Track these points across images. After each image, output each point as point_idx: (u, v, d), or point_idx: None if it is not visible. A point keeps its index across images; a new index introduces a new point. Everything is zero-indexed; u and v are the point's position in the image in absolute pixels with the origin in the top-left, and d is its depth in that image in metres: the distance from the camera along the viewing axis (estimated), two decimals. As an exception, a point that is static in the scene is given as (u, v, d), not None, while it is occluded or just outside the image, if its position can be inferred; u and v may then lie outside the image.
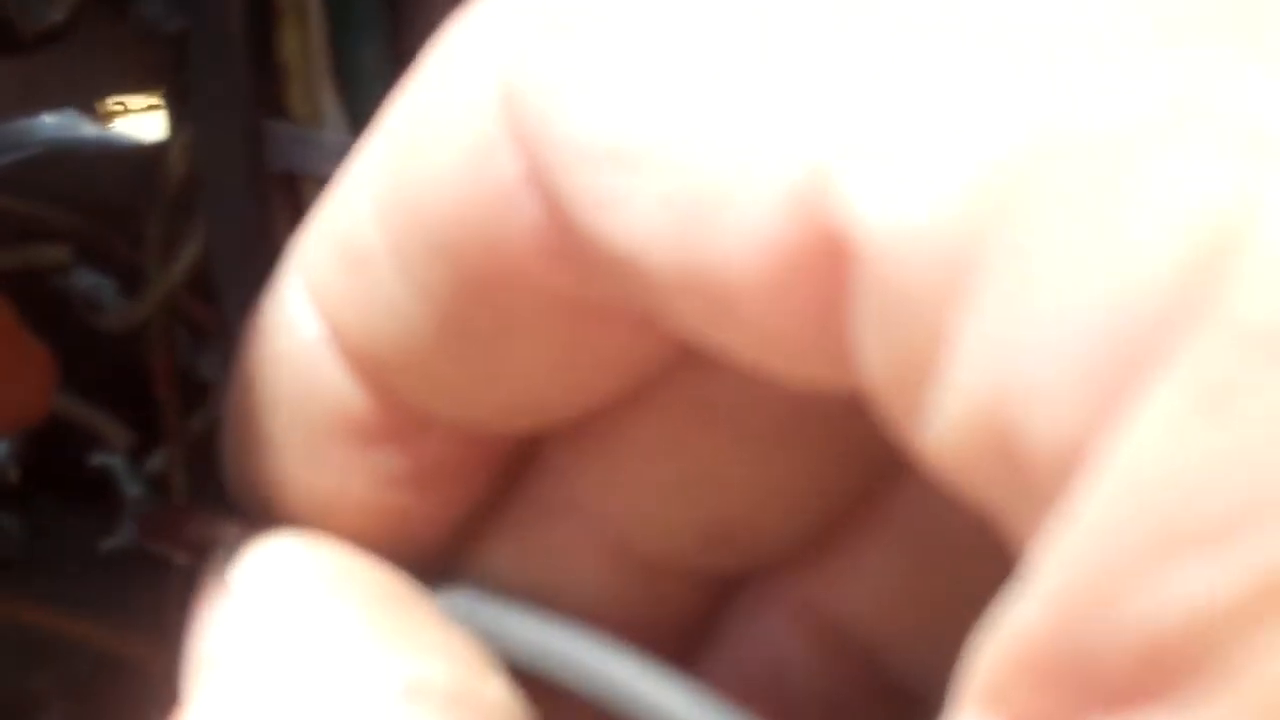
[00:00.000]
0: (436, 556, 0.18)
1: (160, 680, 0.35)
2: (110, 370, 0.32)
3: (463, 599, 0.18)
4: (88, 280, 0.30)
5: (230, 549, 0.20)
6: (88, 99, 0.31)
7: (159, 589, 0.34)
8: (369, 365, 0.17)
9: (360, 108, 0.30)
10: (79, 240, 0.30)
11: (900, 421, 0.13)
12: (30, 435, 0.31)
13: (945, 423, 0.12)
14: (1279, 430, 0.10)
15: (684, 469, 0.18)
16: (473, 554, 0.19)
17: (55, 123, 0.33)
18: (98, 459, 0.33)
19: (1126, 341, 0.10)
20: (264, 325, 0.18)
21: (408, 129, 0.16)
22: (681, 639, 0.19)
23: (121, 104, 0.30)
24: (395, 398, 0.17)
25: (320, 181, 0.30)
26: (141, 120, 0.36)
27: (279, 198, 0.29)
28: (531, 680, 0.18)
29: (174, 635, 0.34)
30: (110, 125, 0.35)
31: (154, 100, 0.33)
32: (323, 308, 0.17)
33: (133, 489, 0.32)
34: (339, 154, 0.32)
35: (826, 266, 0.12)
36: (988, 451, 0.12)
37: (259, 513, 0.20)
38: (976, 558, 0.16)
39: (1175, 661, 0.10)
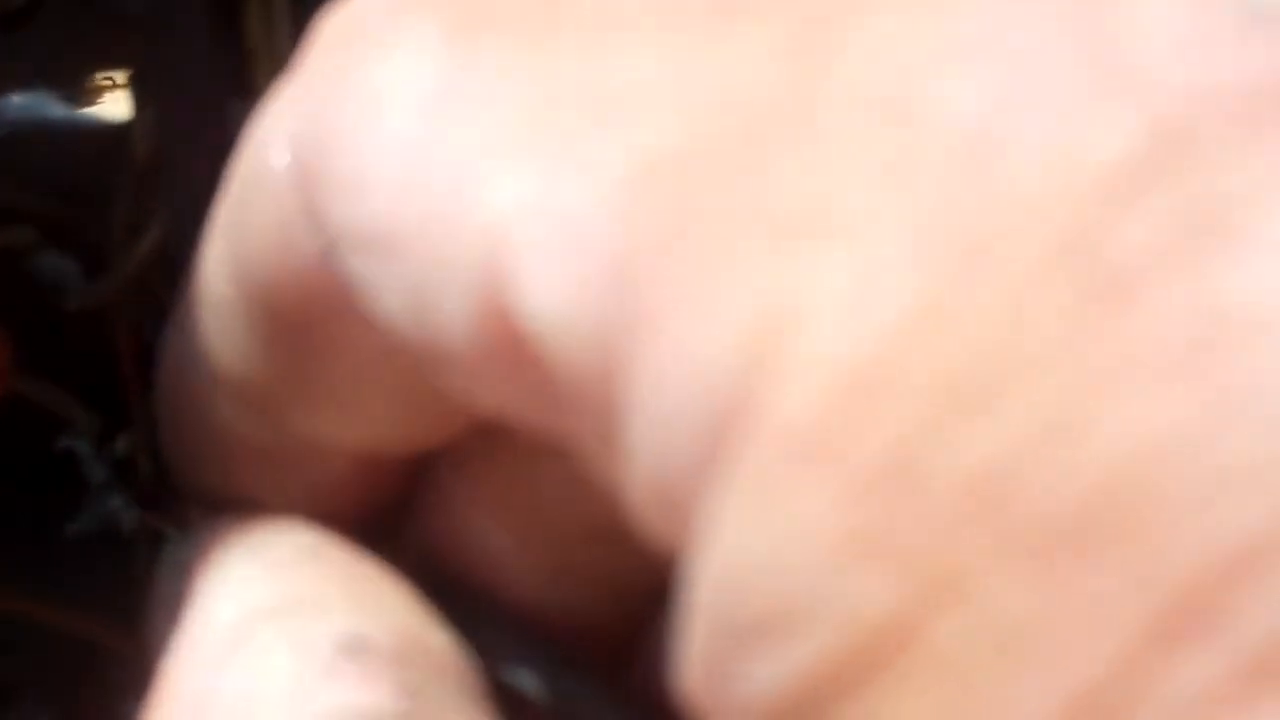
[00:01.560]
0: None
1: (129, 664, 0.35)
2: (76, 354, 0.32)
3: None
4: (51, 262, 0.30)
5: (183, 535, 0.20)
6: (55, 80, 0.31)
7: (123, 573, 0.34)
8: (245, 397, 0.18)
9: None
10: (44, 222, 0.30)
11: (607, 479, 0.13)
12: (-6, 419, 0.31)
13: (635, 484, 0.12)
14: (812, 526, 0.10)
15: (561, 476, 0.18)
16: (406, 537, 0.19)
17: (22, 103, 0.32)
18: (63, 443, 0.33)
19: (715, 413, 0.11)
20: (173, 356, 0.20)
21: (238, 192, 0.17)
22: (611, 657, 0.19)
23: (110, 79, 0.30)
24: (275, 427, 0.18)
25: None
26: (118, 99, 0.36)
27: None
28: None
29: (138, 619, 0.34)
30: (86, 104, 0.35)
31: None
32: (206, 348, 0.18)
33: (98, 473, 0.32)
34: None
35: (515, 353, 0.13)
36: (662, 509, 0.12)
37: (205, 498, 0.20)
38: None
39: None
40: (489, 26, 0.14)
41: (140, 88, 0.30)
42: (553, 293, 0.12)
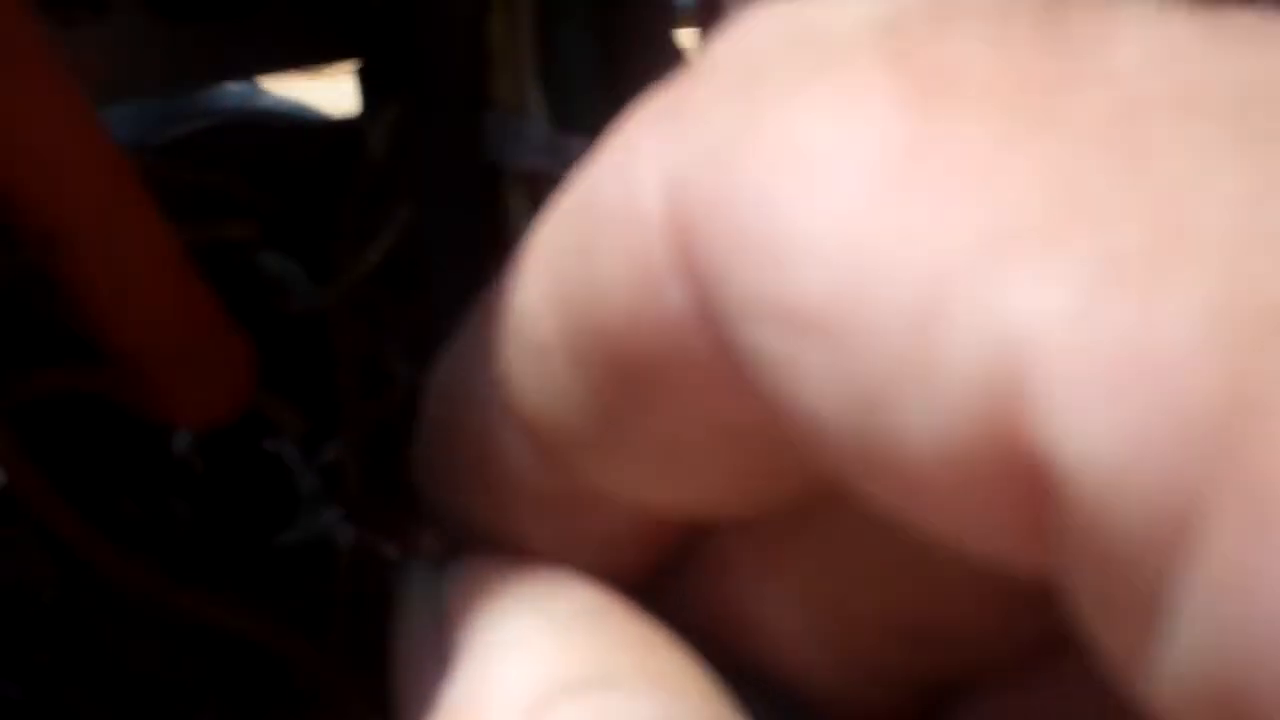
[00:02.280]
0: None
1: (317, 679, 0.34)
2: (290, 356, 0.30)
3: None
4: (275, 262, 0.28)
5: (433, 561, 0.19)
6: (278, 68, 0.30)
7: (328, 587, 0.33)
8: (546, 443, 0.16)
9: (564, 100, 0.28)
10: (265, 217, 0.29)
11: (1116, 661, 0.11)
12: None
13: (1166, 678, 0.10)
14: None
15: (879, 558, 0.16)
16: (656, 593, 0.18)
17: (236, 92, 0.31)
18: (270, 445, 0.32)
19: None
20: (454, 386, 0.18)
21: (580, 227, 0.15)
22: None
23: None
24: (576, 478, 0.16)
25: (519, 174, 0.29)
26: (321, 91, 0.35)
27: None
28: None
29: (335, 635, 0.33)
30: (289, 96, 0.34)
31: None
32: (506, 386, 0.16)
33: (307, 482, 0.31)
34: (540, 147, 0.30)
35: (1020, 486, 0.11)
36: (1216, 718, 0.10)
37: (453, 524, 0.19)
38: None
39: None
40: (958, 93, 0.12)
41: (373, 84, 0.28)
42: (1102, 437, 0.10)
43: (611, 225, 0.15)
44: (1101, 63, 0.12)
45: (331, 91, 0.32)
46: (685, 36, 0.30)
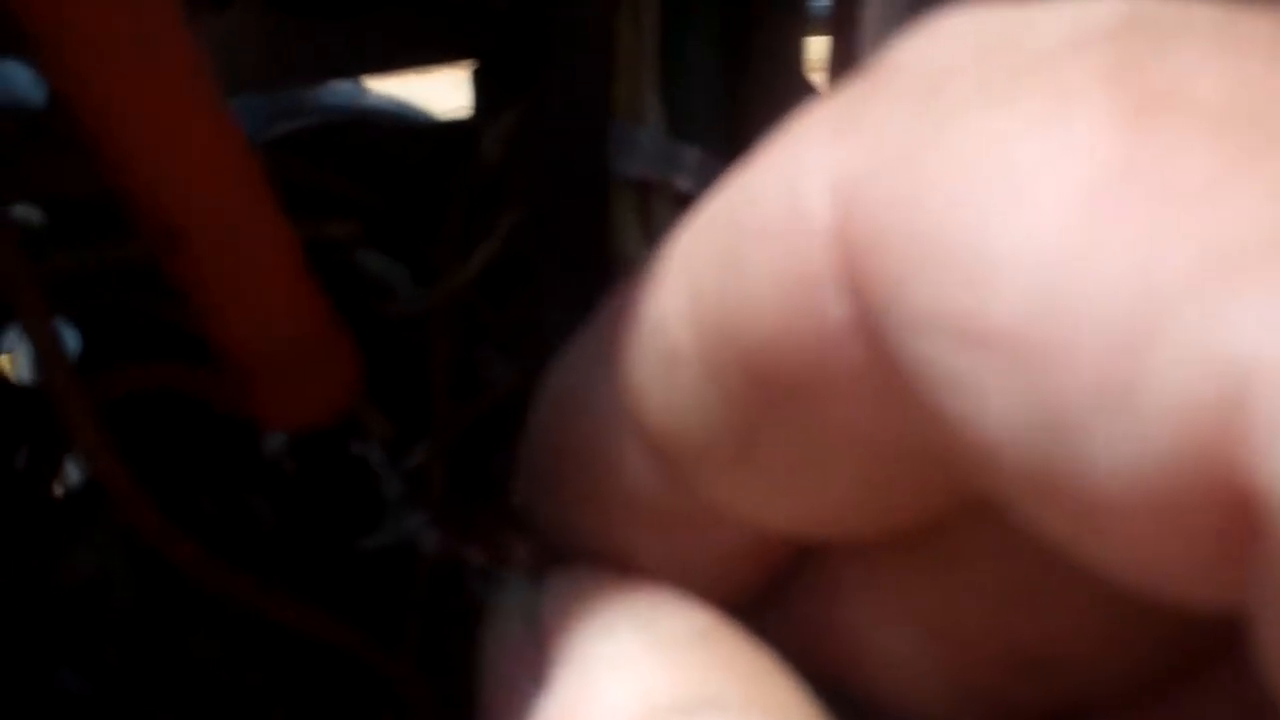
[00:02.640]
0: None
1: (391, 687, 0.33)
2: (384, 359, 0.30)
3: None
4: (377, 263, 0.28)
5: (527, 572, 0.18)
6: (395, 68, 0.30)
7: (406, 593, 0.33)
8: (672, 455, 0.16)
9: (682, 111, 0.28)
10: (370, 217, 0.28)
11: None
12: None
13: None
14: None
15: (997, 585, 0.16)
16: (760, 613, 0.17)
17: (342, 89, 0.31)
18: (356, 448, 0.31)
19: None
20: (571, 394, 0.17)
21: (728, 237, 0.15)
22: None
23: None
24: (696, 492, 0.16)
25: (630, 184, 0.28)
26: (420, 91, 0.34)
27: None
28: None
29: (412, 642, 0.33)
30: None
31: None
32: (631, 395, 0.16)
33: (393, 485, 0.31)
34: (655, 157, 0.30)
35: (1222, 517, 0.11)
36: None
37: (553, 536, 0.18)
38: None
39: None
40: (1181, 112, 0.11)
41: (488, 87, 0.28)
42: None
43: (768, 233, 0.14)
44: None
45: (436, 91, 0.32)
46: (817, 45, 0.29)
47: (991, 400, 0.12)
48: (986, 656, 0.16)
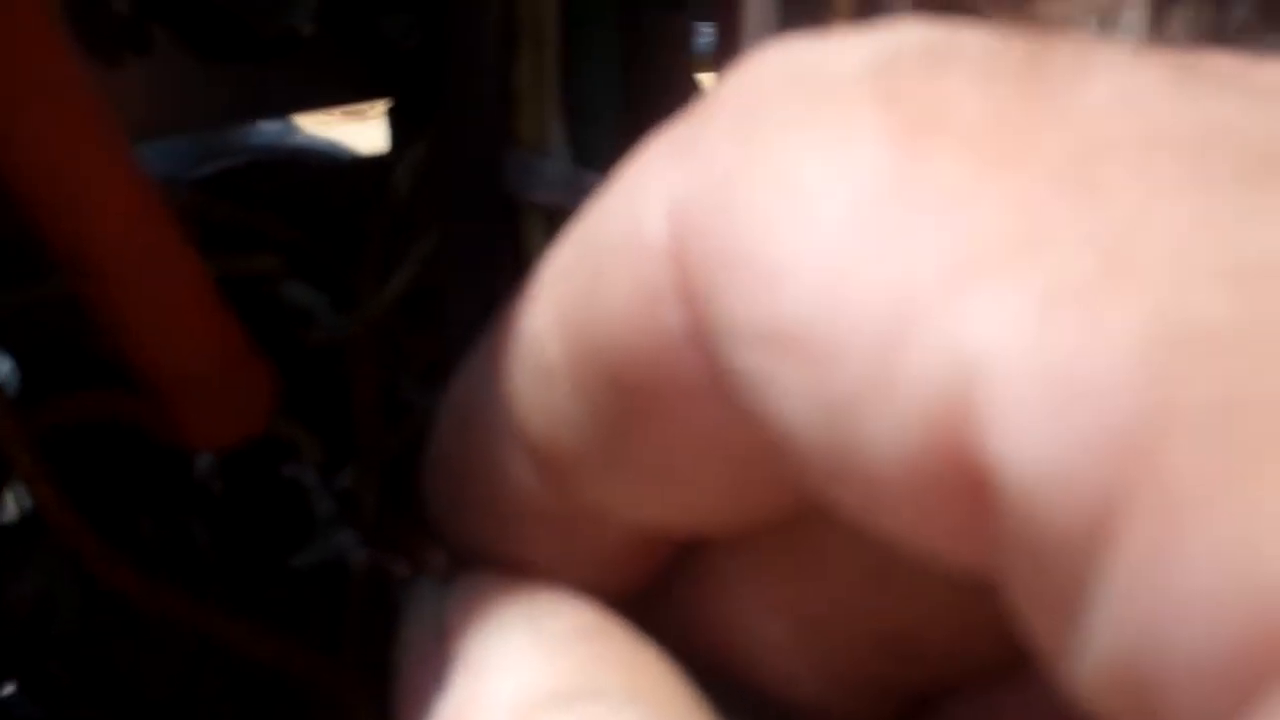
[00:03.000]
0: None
1: (330, 699, 0.34)
2: (309, 384, 0.31)
3: None
4: (300, 293, 0.29)
5: (437, 578, 0.19)
6: (311, 107, 0.31)
7: (342, 608, 0.34)
8: (551, 465, 0.17)
9: (586, 139, 0.29)
10: (291, 251, 0.30)
11: (1042, 646, 0.12)
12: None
13: (1087, 667, 0.11)
14: None
15: (864, 571, 0.17)
16: (647, 606, 0.19)
17: (271, 130, 0.32)
18: (289, 471, 0.33)
19: (1263, 647, 0.10)
20: (463, 408, 0.18)
21: (587, 256, 0.16)
22: None
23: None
24: (576, 497, 0.17)
25: (540, 209, 0.30)
26: (345, 129, 0.36)
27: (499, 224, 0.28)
28: None
29: (348, 654, 0.34)
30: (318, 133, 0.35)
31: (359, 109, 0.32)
32: (513, 409, 0.17)
33: (324, 506, 0.32)
34: (560, 184, 0.31)
35: (965, 492, 0.12)
36: (1129, 707, 0.11)
37: (457, 545, 0.19)
38: None
39: None
40: (941, 131, 0.13)
41: (401, 122, 0.29)
42: (1039, 449, 0.11)
43: (618, 252, 0.15)
44: (1073, 103, 0.13)
45: (368, 132, 0.33)
46: (705, 80, 0.30)
47: (788, 396, 0.13)
48: (853, 642, 0.17)
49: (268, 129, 0.32)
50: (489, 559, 0.19)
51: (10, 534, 0.32)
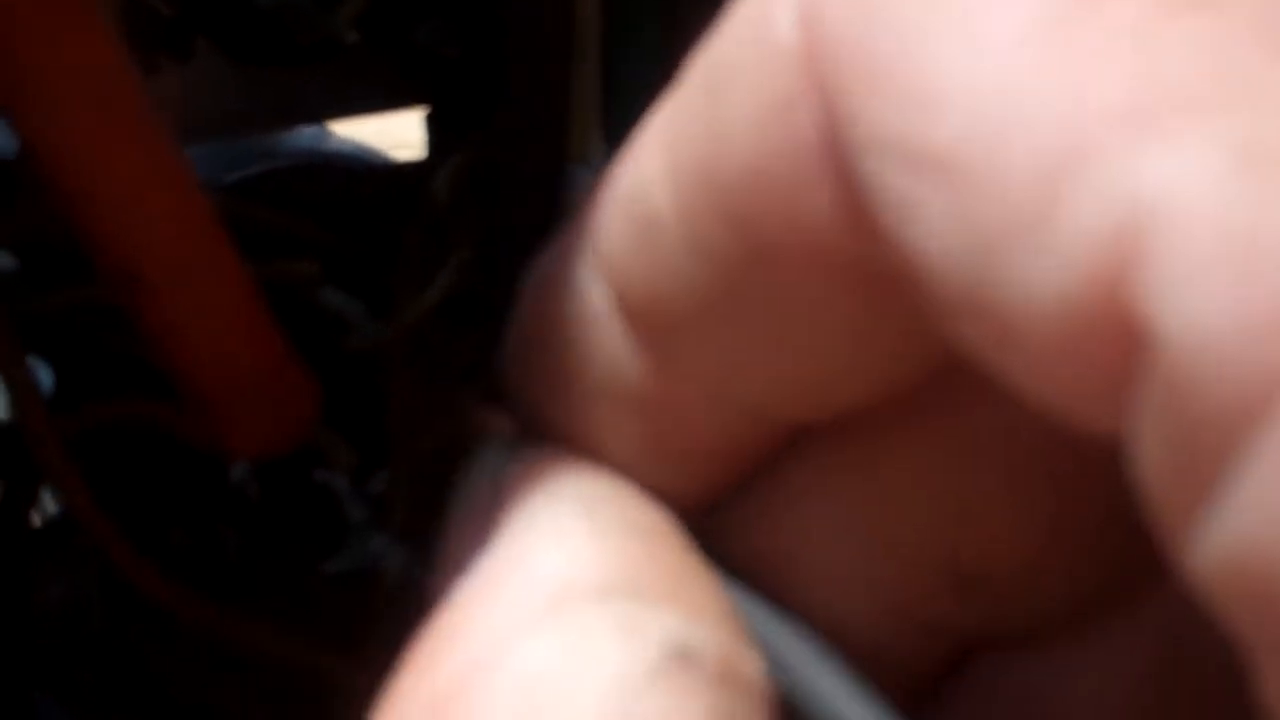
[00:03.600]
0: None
1: (359, 705, 0.34)
2: (343, 389, 0.31)
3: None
4: (337, 299, 0.29)
5: (502, 446, 0.19)
6: (348, 114, 0.31)
7: (370, 615, 0.34)
8: (652, 331, 0.16)
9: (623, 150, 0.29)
10: (328, 256, 0.30)
11: (1165, 522, 0.12)
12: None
13: (1211, 549, 0.11)
14: None
15: (941, 498, 0.17)
16: (710, 522, 0.18)
17: (307, 134, 0.32)
18: (320, 476, 0.33)
19: None
20: (553, 276, 0.17)
21: (704, 78, 0.15)
22: (907, 696, 0.17)
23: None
24: (674, 368, 0.16)
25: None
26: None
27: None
28: None
29: (378, 660, 0.34)
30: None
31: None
32: (610, 271, 0.16)
33: (357, 511, 0.32)
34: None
35: (1117, 344, 0.12)
36: (1248, 595, 0.11)
37: (531, 422, 0.18)
38: (1219, 691, 0.15)
39: None
40: None
41: (439, 130, 0.29)
42: (1211, 312, 0.11)
43: (742, 66, 0.14)
44: None
45: (396, 126, 0.33)
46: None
47: (930, 220, 0.13)
48: (921, 572, 0.17)
49: (302, 133, 0.32)
50: (559, 439, 0.18)
51: (40, 538, 0.32)
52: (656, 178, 0.15)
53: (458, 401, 0.21)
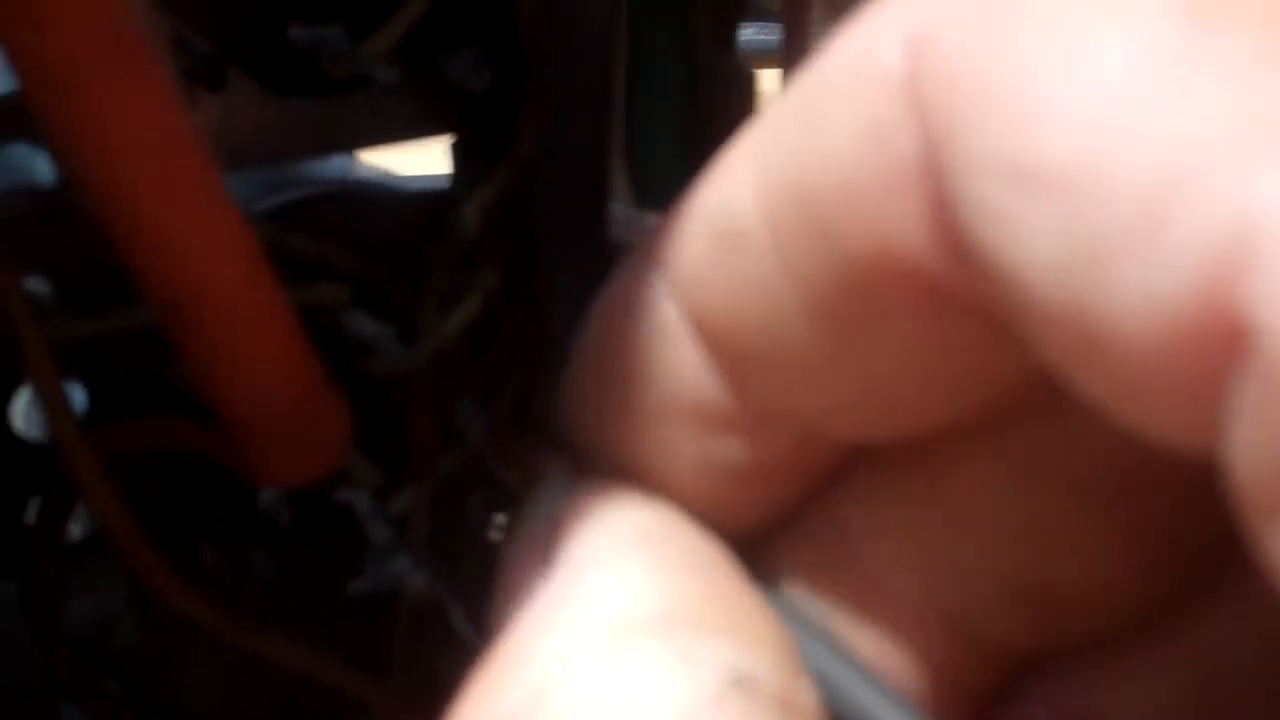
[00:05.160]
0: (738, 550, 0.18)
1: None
2: (368, 410, 0.32)
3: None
4: (364, 324, 0.30)
5: (557, 484, 0.19)
6: (378, 143, 0.32)
7: (393, 633, 0.34)
8: (726, 349, 0.16)
9: (646, 180, 0.30)
10: (357, 282, 0.30)
11: (1255, 523, 0.12)
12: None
13: None
14: None
15: (1006, 516, 0.17)
16: (762, 553, 0.18)
17: (338, 163, 0.33)
18: (342, 494, 0.33)
19: None
20: (622, 298, 0.17)
21: (802, 103, 0.15)
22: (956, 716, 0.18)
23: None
24: (745, 386, 0.17)
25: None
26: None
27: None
28: None
29: (397, 679, 0.34)
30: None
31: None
32: (685, 289, 0.16)
33: (380, 532, 0.32)
34: (626, 226, 0.32)
35: (1219, 350, 0.12)
36: None
37: (587, 455, 0.19)
38: (1256, 707, 0.15)
39: None
40: (1230, 10, 0.13)
41: (465, 158, 0.30)
42: None
43: (843, 88, 0.15)
44: None
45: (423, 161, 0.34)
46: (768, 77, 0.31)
47: (1035, 236, 0.13)
48: (985, 591, 0.17)
49: (333, 162, 0.33)
50: (621, 472, 0.18)
51: (71, 554, 0.33)
52: (745, 195, 0.16)
53: (515, 445, 0.21)
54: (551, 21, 0.26)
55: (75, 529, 0.33)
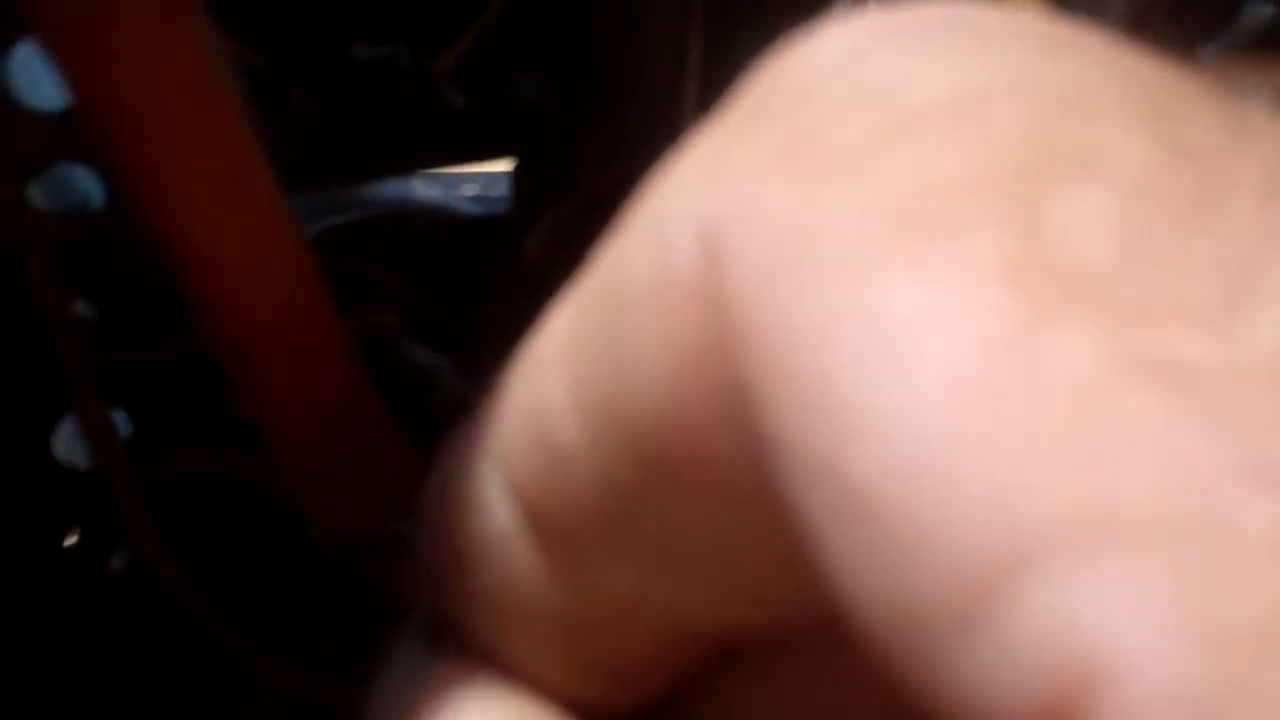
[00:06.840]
0: None
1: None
2: (422, 440, 0.31)
3: None
4: (423, 355, 0.29)
5: (415, 655, 0.18)
6: (437, 164, 0.31)
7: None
8: (566, 554, 0.15)
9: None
10: (412, 310, 0.29)
11: None
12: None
13: None
14: None
15: (868, 704, 0.16)
16: None
17: (396, 187, 0.32)
18: (396, 526, 0.32)
19: None
20: (457, 499, 0.16)
21: (607, 305, 0.14)
22: None
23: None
24: (589, 590, 0.16)
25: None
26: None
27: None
28: None
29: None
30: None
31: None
32: (520, 493, 0.15)
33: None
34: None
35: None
36: None
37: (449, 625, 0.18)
38: None
39: None
40: (1073, 293, 0.10)
41: (527, 182, 0.29)
42: (1146, 660, 0.09)
43: (643, 295, 0.13)
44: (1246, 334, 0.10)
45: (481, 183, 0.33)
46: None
47: (850, 555, 0.11)
48: None
49: (396, 186, 0.32)
50: (478, 647, 0.17)
51: (109, 586, 0.32)
52: (563, 408, 0.14)
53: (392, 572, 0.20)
54: (628, 42, 0.24)
55: (117, 560, 0.32)
